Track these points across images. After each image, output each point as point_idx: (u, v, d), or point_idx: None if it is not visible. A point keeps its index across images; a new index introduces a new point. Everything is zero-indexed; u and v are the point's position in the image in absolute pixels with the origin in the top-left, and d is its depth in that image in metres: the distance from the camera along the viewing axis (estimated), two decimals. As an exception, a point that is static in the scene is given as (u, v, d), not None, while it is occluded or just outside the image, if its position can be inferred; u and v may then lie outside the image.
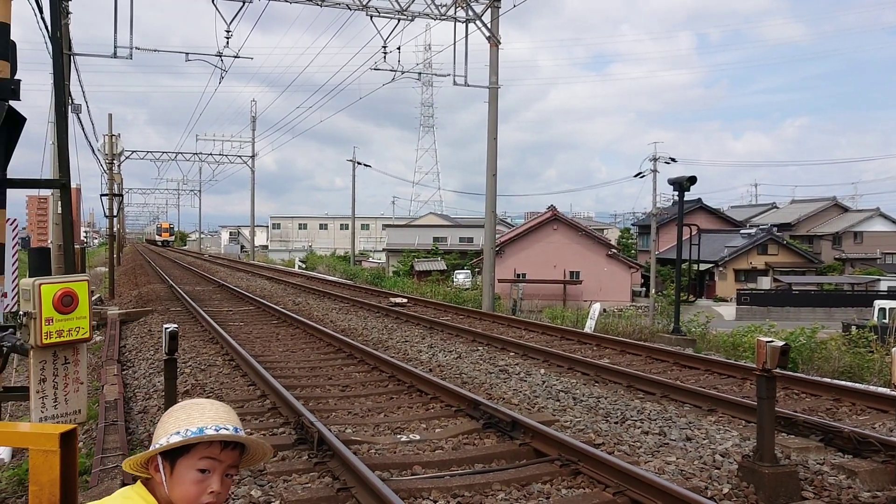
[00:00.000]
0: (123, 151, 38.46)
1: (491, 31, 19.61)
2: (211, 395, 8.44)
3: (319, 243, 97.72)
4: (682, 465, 5.90)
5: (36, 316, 3.39)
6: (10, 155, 4.08)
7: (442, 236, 65.65)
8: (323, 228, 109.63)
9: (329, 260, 58.93)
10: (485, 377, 9.56)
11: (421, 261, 55.30)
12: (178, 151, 53.16)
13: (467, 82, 20.23)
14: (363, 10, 18.70)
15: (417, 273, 50.47)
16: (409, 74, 21.97)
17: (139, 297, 22.06)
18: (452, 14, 19.65)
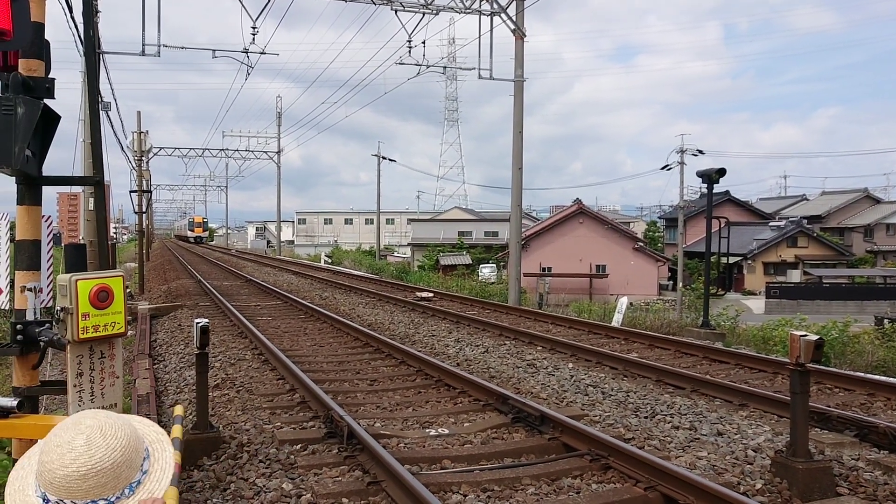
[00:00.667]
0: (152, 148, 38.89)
1: (516, 23, 19.52)
2: (241, 389, 8.52)
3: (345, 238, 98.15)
4: (713, 461, 5.85)
5: (72, 311, 3.43)
6: (45, 153, 4.14)
7: (467, 230, 65.61)
8: (348, 223, 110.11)
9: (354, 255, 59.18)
10: (512, 371, 9.55)
11: (446, 255, 55.33)
12: (205, 148, 53.69)
13: (492, 76, 20.18)
14: (388, 5, 18.71)
15: (443, 267, 50.49)
16: (434, 68, 21.94)
17: (168, 293, 22.32)
18: (477, 7, 19.59)
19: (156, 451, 1.62)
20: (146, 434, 1.64)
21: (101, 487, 1.47)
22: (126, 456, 1.50)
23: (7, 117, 3.65)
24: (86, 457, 1.46)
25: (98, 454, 1.47)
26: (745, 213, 63.04)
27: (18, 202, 4.20)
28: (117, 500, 1.49)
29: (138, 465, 1.53)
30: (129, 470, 1.51)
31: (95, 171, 4.43)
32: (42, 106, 3.82)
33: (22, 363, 4.09)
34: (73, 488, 1.46)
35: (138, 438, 1.56)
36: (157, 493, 1.54)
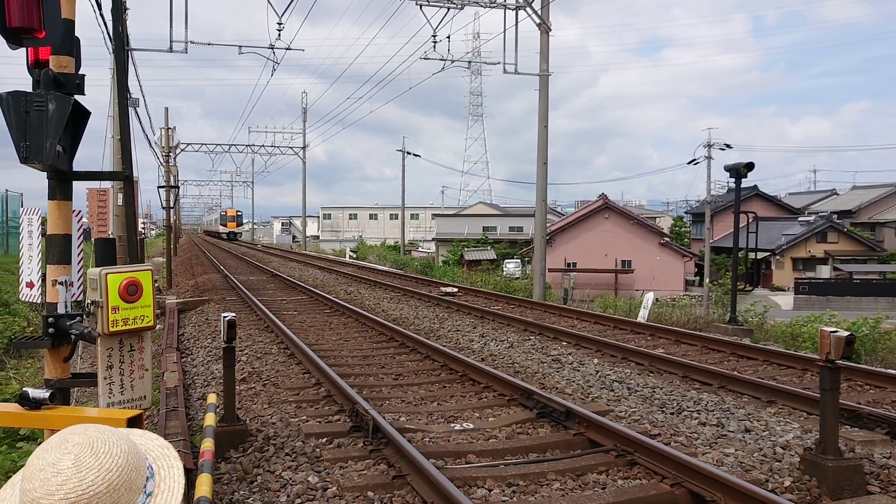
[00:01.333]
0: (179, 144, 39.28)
1: (541, 17, 19.42)
2: (267, 382, 8.59)
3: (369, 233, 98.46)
4: (741, 458, 5.79)
5: (103, 304, 3.48)
6: (76, 148, 4.19)
7: (491, 225, 65.50)
8: (373, 218, 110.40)
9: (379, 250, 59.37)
10: (537, 367, 9.52)
11: (470, 250, 55.28)
12: (232, 143, 54.09)
13: (517, 70, 20.10)
14: (413, 0, 18.69)
15: (467, 262, 50.47)
16: (459, 63, 21.90)
17: (196, 287, 22.55)
18: (502, 1, 19.52)
19: (161, 469, 1.40)
20: (149, 449, 1.42)
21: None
22: (124, 476, 1.27)
23: (39, 114, 3.70)
24: (75, 480, 1.22)
25: (90, 476, 1.24)
26: (773, 208, 62.24)
27: (49, 197, 4.25)
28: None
29: (140, 487, 1.31)
30: (128, 493, 1.28)
31: (125, 166, 4.48)
32: (73, 102, 3.86)
33: (53, 356, 4.15)
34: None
35: (138, 455, 1.34)
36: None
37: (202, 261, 38.22)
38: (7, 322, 12.03)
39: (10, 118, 3.70)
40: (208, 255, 43.37)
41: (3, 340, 10.97)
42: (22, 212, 6.10)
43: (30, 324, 12.85)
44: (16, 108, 3.69)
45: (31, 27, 3.65)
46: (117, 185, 15.93)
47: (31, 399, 3.44)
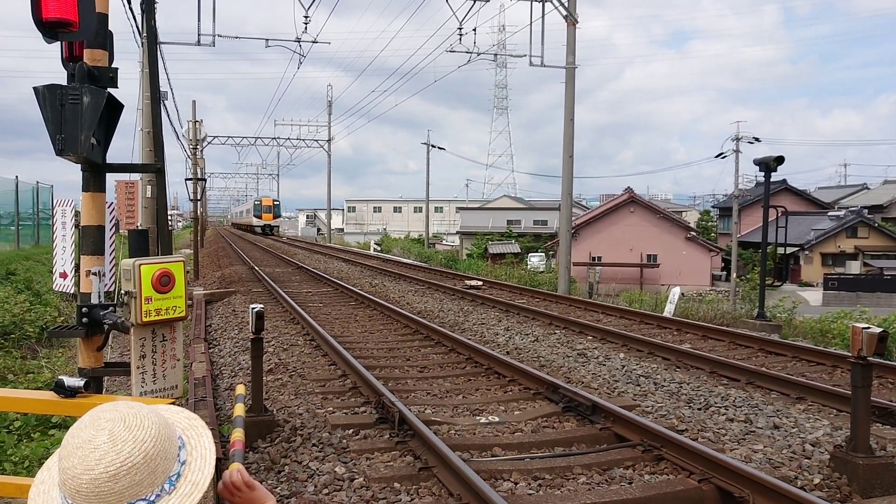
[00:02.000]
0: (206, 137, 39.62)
1: (568, 9, 19.30)
2: (294, 373, 8.66)
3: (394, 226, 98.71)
4: (769, 454, 5.74)
5: (136, 295, 3.52)
6: (109, 141, 4.25)
7: (516, 219, 65.36)
8: (397, 211, 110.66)
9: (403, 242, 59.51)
10: (563, 361, 9.50)
11: (495, 243, 55.22)
12: (258, 136, 54.49)
13: (543, 63, 20.01)
14: (439, -7, 18.66)
15: (491, 256, 50.41)
16: (485, 56, 21.84)
17: (222, 279, 22.75)
18: (529, -6, 19.43)
19: (191, 439, 1.44)
20: (177, 422, 1.46)
21: (136, 486, 1.28)
22: (159, 446, 1.31)
23: (74, 106, 3.76)
24: (112, 454, 1.26)
25: (126, 449, 1.28)
26: (802, 203, 61.41)
27: (84, 189, 4.33)
28: (158, 498, 1.30)
29: (174, 456, 1.35)
30: (165, 462, 1.32)
31: (157, 158, 4.54)
32: (107, 95, 3.92)
33: (87, 345, 4.22)
34: (104, 492, 1.26)
35: (168, 426, 1.38)
36: (201, 483, 1.36)
37: (228, 253, 38.56)
38: (39, 312, 12.24)
39: (45, 111, 3.76)
40: (234, 246, 43.74)
41: (35, 330, 11.16)
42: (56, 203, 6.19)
43: (61, 313, 13.05)
44: (51, 101, 3.75)
45: (66, 20, 3.70)
46: (146, 177, 16.11)
47: (66, 387, 3.50)
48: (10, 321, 10.75)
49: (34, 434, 6.65)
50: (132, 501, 1.27)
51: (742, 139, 40.64)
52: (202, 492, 1.36)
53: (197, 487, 1.35)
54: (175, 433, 1.39)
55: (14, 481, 3.72)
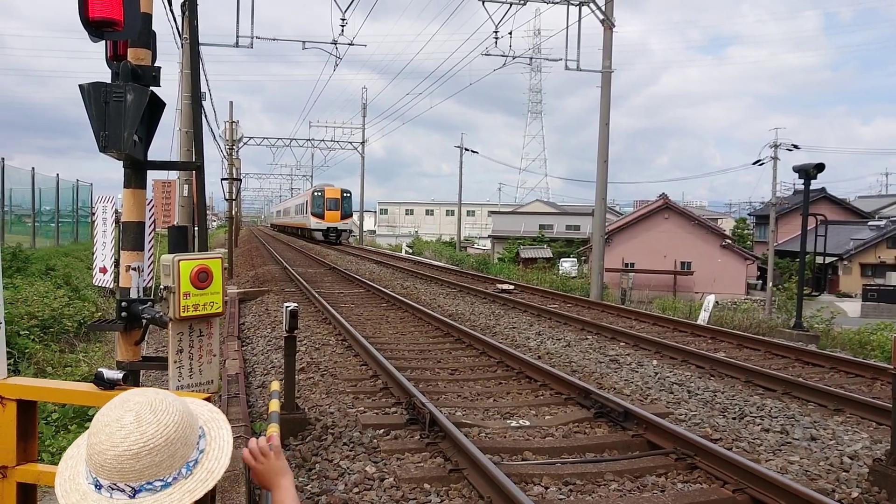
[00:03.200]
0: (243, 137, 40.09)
1: (605, 13, 19.19)
2: (325, 373, 8.71)
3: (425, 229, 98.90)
4: (806, 466, 5.64)
5: (175, 290, 3.57)
6: (151, 138, 4.32)
7: (548, 224, 65.08)
8: (429, 214, 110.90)
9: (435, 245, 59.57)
10: (595, 366, 9.43)
11: (526, 248, 55.03)
12: (293, 138, 54.94)
13: (580, 67, 19.91)
14: (475, -4, 18.69)
15: (523, 260, 50.25)
16: (520, 60, 21.79)
17: (256, 278, 22.98)
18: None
19: (211, 430, 1.53)
20: (200, 413, 1.55)
21: (155, 467, 1.37)
22: (180, 432, 1.41)
23: (118, 104, 3.83)
24: (137, 434, 1.36)
25: (150, 430, 1.37)
26: (842, 212, 60.26)
27: (125, 185, 4.40)
28: (174, 480, 1.39)
29: (194, 443, 1.44)
30: (184, 447, 1.41)
31: (196, 157, 4.60)
32: (150, 93, 3.98)
33: (125, 339, 4.29)
34: (125, 469, 1.35)
35: (192, 415, 1.47)
36: (216, 471, 1.45)
37: (262, 252, 38.94)
38: (77, 307, 12.46)
39: (90, 108, 3.83)
40: (267, 246, 44.18)
41: (73, 324, 11.37)
42: (97, 200, 6.31)
43: (98, 308, 13.28)
44: (96, 99, 3.82)
45: (112, 20, 3.77)
46: (183, 176, 16.34)
47: (105, 379, 3.55)
48: (49, 315, 10.95)
49: (71, 426, 6.77)
50: (151, 480, 1.36)
51: (780, 146, 40.00)
52: (216, 480, 1.44)
53: (212, 475, 1.44)
54: (197, 422, 1.48)
55: (53, 470, 3.78)
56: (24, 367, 8.65)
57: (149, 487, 1.37)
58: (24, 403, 3.54)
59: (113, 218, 6.01)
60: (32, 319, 10.35)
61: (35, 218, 24.57)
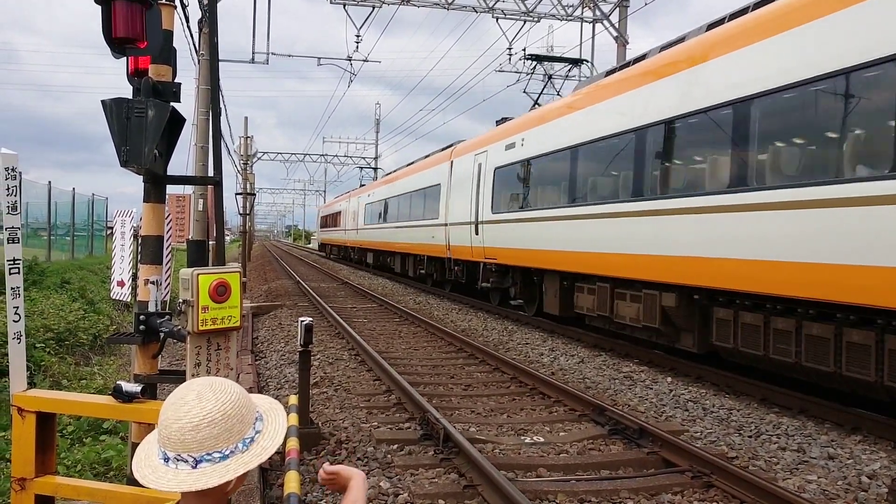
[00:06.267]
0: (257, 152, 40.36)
1: (619, 30, 19.25)
2: (339, 387, 8.71)
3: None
4: (824, 485, 5.58)
5: (193, 304, 3.60)
6: (171, 153, 4.36)
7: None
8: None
9: (447, 261, 59.39)
10: (608, 383, 9.38)
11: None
12: (306, 153, 55.30)
13: (592, 83, 19.94)
14: (489, 12, 18.81)
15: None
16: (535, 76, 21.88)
17: (268, 292, 23.06)
18: (579, 14, 19.44)
19: (268, 416, 1.67)
20: (260, 403, 1.70)
21: (213, 439, 1.52)
22: (237, 410, 1.55)
23: (139, 119, 3.87)
24: (197, 409, 1.52)
25: (208, 406, 1.53)
26: None
27: (144, 200, 4.44)
28: (231, 453, 1.54)
29: (251, 422, 1.58)
30: (240, 424, 1.56)
31: (215, 172, 4.64)
32: (170, 109, 4.02)
33: (143, 352, 4.31)
34: (187, 440, 1.51)
35: (249, 399, 1.62)
36: (269, 449, 1.59)
37: (274, 267, 39.09)
38: (92, 320, 12.54)
39: (112, 123, 3.88)
40: (280, 261, 44.32)
41: (88, 337, 11.44)
42: (115, 213, 6.37)
43: (112, 322, 13.36)
44: (118, 114, 3.87)
45: (134, 37, 3.82)
46: (198, 190, 16.45)
47: (124, 392, 3.59)
48: (64, 328, 11.04)
49: (86, 439, 6.80)
50: (210, 451, 1.52)
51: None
52: (268, 455, 1.59)
53: (266, 451, 1.59)
54: (254, 407, 1.64)
55: (70, 483, 3.80)
56: (40, 379, 8.71)
57: (208, 458, 1.52)
58: (42, 416, 3.58)
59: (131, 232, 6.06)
60: (48, 332, 10.43)
61: (51, 231, 24.78)
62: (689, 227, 9.05)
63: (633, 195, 10.53)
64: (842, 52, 6.92)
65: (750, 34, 8.36)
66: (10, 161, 3.59)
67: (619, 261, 10.67)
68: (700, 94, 9.07)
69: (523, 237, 14.56)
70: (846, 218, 6.79)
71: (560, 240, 12.89)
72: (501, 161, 16.03)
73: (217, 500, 1.60)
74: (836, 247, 6.87)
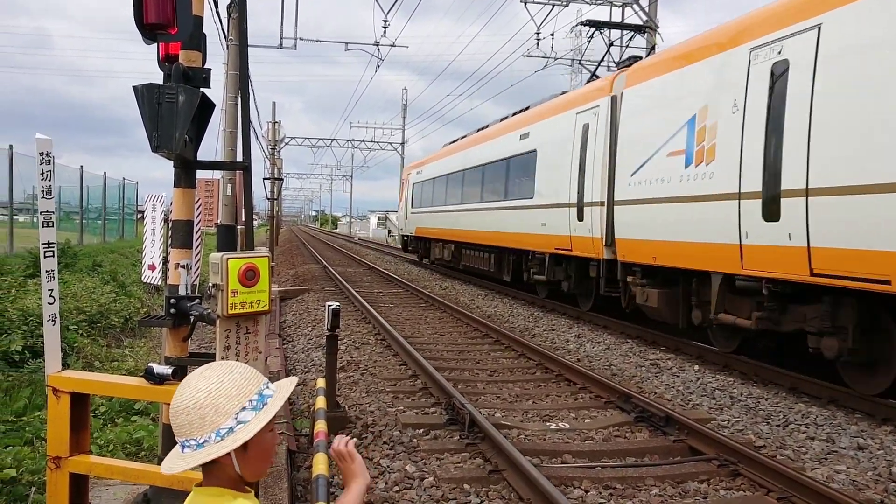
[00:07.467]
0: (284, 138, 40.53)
1: (648, 14, 19.01)
2: (365, 372, 8.77)
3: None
4: (853, 476, 5.52)
5: (223, 288, 3.64)
6: (201, 139, 4.40)
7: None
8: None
9: (473, 246, 59.33)
10: (635, 370, 9.35)
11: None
12: (333, 138, 55.47)
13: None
14: (517, -3, 18.66)
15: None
16: (562, 61, 21.70)
17: (296, 277, 23.23)
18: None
19: (282, 388, 1.71)
20: (282, 384, 1.73)
21: (188, 426, 1.56)
22: (211, 400, 1.55)
23: (170, 105, 3.91)
24: (177, 395, 1.58)
25: (186, 393, 1.57)
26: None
27: (175, 184, 4.48)
28: (205, 442, 1.55)
29: (230, 413, 1.57)
30: (214, 414, 1.56)
31: (245, 157, 4.67)
32: (200, 95, 4.06)
33: (174, 335, 4.38)
34: (175, 424, 1.59)
35: (240, 389, 1.60)
36: (239, 440, 1.57)
37: (301, 251, 39.35)
38: (123, 303, 12.73)
39: (143, 108, 3.92)
40: (307, 245, 44.61)
41: (120, 320, 11.62)
42: (146, 198, 6.46)
43: (143, 305, 13.55)
44: (149, 100, 3.91)
45: (165, 23, 3.86)
46: (226, 175, 16.57)
47: (155, 374, 3.64)
48: (97, 311, 11.21)
49: (118, 419, 6.93)
50: (188, 438, 1.56)
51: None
52: (234, 447, 1.57)
53: (235, 442, 1.58)
54: (246, 398, 1.61)
55: (104, 462, 3.88)
56: (73, 360, 8.86)
57: (187, 444, 1.57)
58: (77, 396, 3.65)
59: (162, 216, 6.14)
60: (81, 314, 10.61)
61: (83, 215, 25.17)
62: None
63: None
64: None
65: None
66: (45, 146, 3.65)
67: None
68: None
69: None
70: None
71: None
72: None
73: (224, 480, 1.62)
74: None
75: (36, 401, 6.86)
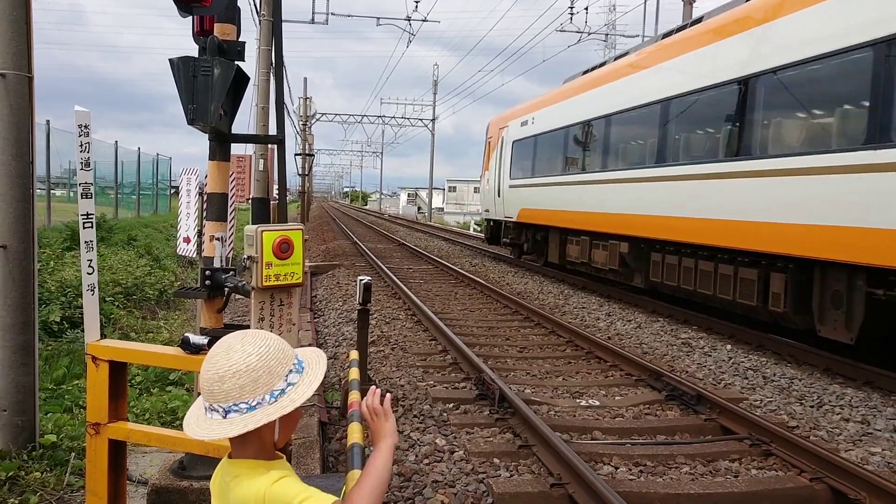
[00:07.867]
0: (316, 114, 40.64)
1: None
2: (396, 346, 8.83)
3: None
4: (888, 458, 5.46)
5: (257, 260, 3.67)
6: (235, 112, 4.42)
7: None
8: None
9: (503, 224, 59.24)
10: (666, 349, 9.29)
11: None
12: (364, 115, 55.48)
13: (656, 44, 19.42)
14: (551, -29, 18.40)
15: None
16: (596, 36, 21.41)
17: (326, 252, 23.39)
18: (644, -28, 18.87)
19: (310, 367, 1.69)
20: (306, 355, 1.72)
21: (238, 390, 1.56)
22: (264, 362, 1.58)
23: (205, 78, 3.92)
24: (223, 360, 1.57)
25: (234, 357, 1.57)
26: None
27: (210, 158, 4.51)
28: (258, 405, 1.57)
29: (281, 375, 1.60)
30: (268, 376, 1.58)
31: (279, 131, 4.69)
32: (235, 68, 4.07)
33: (209, 306, 4.43)
34: (214, 391, 1.57)
35: (285, 353, 1.63)
36: (297, 401, 1.60)
37: (332, 227, 39.57)
38: (158, 276, 12.93)
39: (179, 82, 3.94)
40: (338, 221, 44.84)
41: (154, 292, 11.81)
42: (181, 171, 6.52)
43: (177, 278, 13.75)
44: (185, 73, 3.93)
45: (200, -5, 3.86)
46: (258, 150, 16.68)
47: (191, 344, 3.70)
48: (132, 283, 11.41)
49: (153, 389, 7.06)
50: (237, 402, 1.56)
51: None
52: (294, 407, 1.60)
53: (293, 403, 1.60)
54: (290, 360, 1.64)
55: (141, 429, 3.96)
56: (110, 331, 9.04)
57: (235, 409, 1.56)
58: (115, 364, 3.72)
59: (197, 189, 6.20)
60: (116, 287, 10.81)
61: (118, 190, 25.53)
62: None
63: None
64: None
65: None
66: (84, 118, 3.70)
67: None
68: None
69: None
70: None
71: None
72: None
73: (258, 448, 1.63)
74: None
75: (74, 370, 7.02)
